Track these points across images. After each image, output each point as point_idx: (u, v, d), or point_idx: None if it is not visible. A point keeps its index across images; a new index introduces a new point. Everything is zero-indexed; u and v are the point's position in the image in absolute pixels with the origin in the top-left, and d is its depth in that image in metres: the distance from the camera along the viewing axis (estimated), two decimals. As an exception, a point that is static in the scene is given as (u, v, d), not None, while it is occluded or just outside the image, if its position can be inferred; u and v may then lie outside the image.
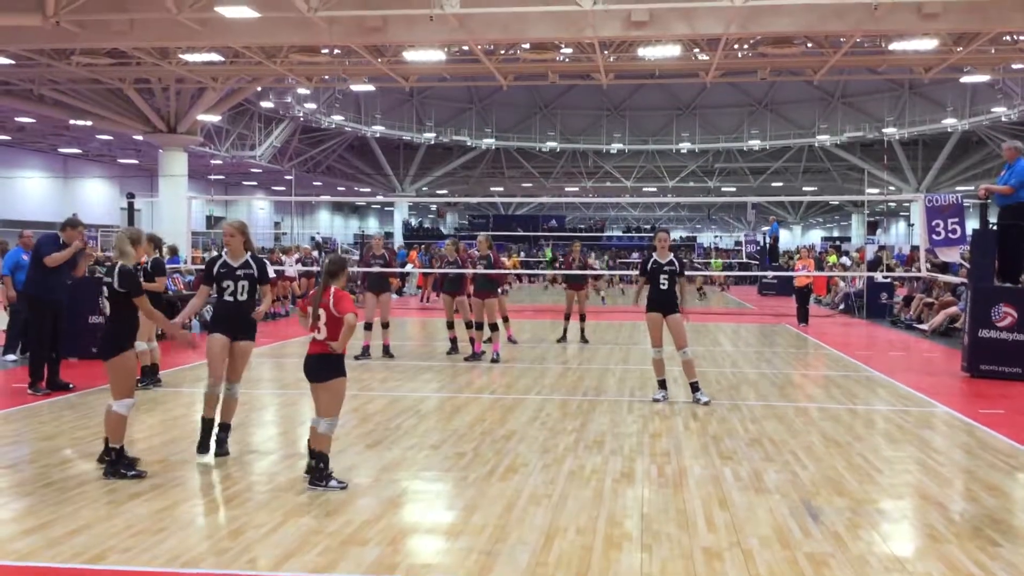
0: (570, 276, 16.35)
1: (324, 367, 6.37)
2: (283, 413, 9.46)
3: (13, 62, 24.64)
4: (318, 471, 6.37)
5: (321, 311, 6.36)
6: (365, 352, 13.62)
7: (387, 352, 13.76)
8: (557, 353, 14.61)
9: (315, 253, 30.10)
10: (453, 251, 14.30)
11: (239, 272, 7.31)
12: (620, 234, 69.23)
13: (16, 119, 38.14)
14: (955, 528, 5.62)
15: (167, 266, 12.71)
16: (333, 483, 6.35)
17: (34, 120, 38.21)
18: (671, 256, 10.10)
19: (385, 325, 13.88)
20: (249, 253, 7.52)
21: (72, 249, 10.39)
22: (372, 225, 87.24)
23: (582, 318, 16.27)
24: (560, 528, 5.52)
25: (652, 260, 10.12)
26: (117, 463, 6.63)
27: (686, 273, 10.55)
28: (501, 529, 5.49)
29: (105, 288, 6.82)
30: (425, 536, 5.46)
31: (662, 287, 9.99)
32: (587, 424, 8.71)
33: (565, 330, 16.26)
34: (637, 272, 10.70)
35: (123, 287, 6.71)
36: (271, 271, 9.89)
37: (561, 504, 6.02)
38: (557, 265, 17.55)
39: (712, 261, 43.64)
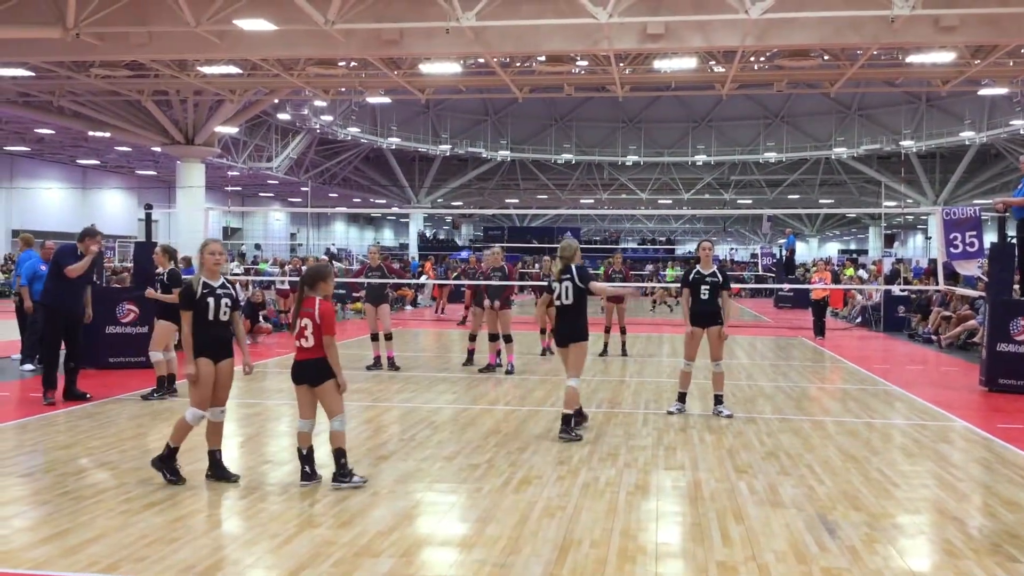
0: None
1: (318, 370, 6.66)
2: (297, 424, 9.45)
3: (33, 74, 24.88)
4: (341, 468, 6.63)
5: (307, 321, 6.60)
6: (376, 363, 13.61)
7: (392, 364, 13.61)
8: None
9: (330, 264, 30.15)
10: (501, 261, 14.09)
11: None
12: (635, 246, 69.18)
13: (36, 130, 38.52)
14: (973, 544, 5.56)
15: (183, 277, 12.77)
16: (356, 479, 6.64)
17: (53, 131, 38.58)
18: (714, 267, 10.03)
19: (388, 337, 13.68)
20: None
21: (89, 258, 10.43)
22: (388, 236, 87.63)
23: (622, 331, 16.11)
24: (574, 540, 5.49)
25: (695, 271, 10.04)
26: (166, 461, 6.71)
27: (731, 286, 10.41)
28: (515, 541, 5.47)
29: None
30: (439, 548, 5.45)
31: (703, 298, 9.90)
32: (601, 436, 8.68)
33: (606, 344, 16.09)
34: (679, 284, 10.61)
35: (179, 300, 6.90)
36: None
37: (575, 516, 6.00)
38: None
39: (669, 271, 40.10)
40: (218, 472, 6.81)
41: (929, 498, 6.64)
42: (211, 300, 6.79)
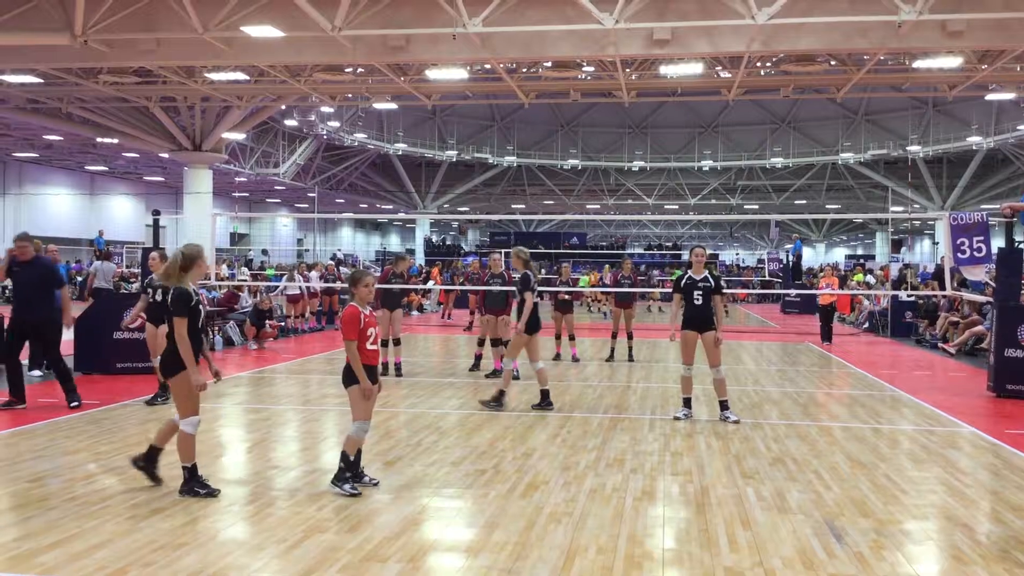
0: (619, 294, 16.30)
1: (346, 375, 6.76)
2: (305, 429, 9.49)
3: (42, 81, 24.99)
4: (339, 472, 6.66)
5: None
6: (384, 369, 13.62)
7: (397, 370, 13.64)
8: (578, 371, 14.58)
9: (337, 269, 30.16)
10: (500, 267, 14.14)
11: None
12: (642, 251, 69.10)
13: (44, 137, 38.69)
14: (981, 550, 5.54)
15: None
16: (347, 487, 6.61)
17: (61, 138, 38.77)
18: (706, 272, 10.03)
19: (396, 342, 13.78)
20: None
21: (5, 259, 10.37)
22: (394, 242, 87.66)
23: (629, 336, 16.17)
24: (581, 546, 5.49)
25: (687, 276, 10.07)
26: (191, 481, 6.60)
27: (724, 291, 10.45)
28: (521, 547, 5.47)
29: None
30: (445, 553, 5.45)
31: (696, 303, 9.92)
32: (608, 442, 8.68)
33: (613, 349, 16.11)
34: (671, 290, 10.63)
35: (170, 307, 6.67)
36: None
37: (582, 522, 5.99)
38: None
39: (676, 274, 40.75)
40: (150, 470, 6.79)
41: (937, 504, 6.63)
42: (200, 308, 6.83)
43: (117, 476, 7.06)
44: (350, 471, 6.68)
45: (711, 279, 9.98)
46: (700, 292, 9.91)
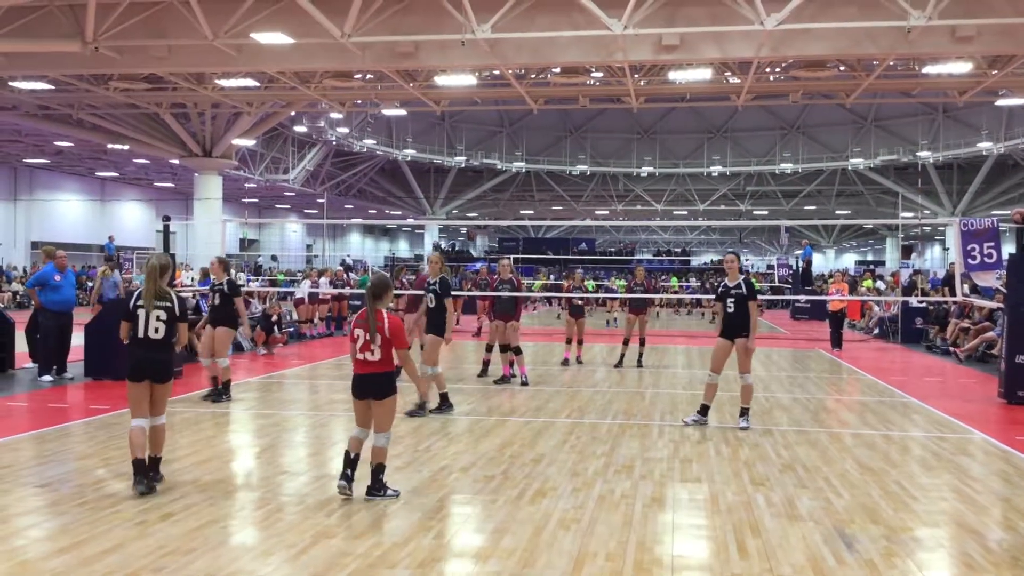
0: (633, 300, 16.29)
1: (384, 385, 6.72)
2: (314, 435, 9.50)
3: (53, 87, 25.11)
4: (377, 482, 6.68)
5: (377, 334, 6.64)
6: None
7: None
8: (586, 376, 14.57)
9: (347, 275, 30.19)
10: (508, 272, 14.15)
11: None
12: (650, 257, 69.04)
13: (55, 143, 38.84)
14: (992, 557, 5.51)
15: (200, 288, 12.92)
16: (390, 492, 6.71)
17: (72, 144, 38.87)
18: (740, 279, 10.00)
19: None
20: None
21: None
22: (403, 247, 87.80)
23: (642, 343, 16.19)
24: (589, 553, 5.48)
25: (722, 284, 10.13)
26: (158, 472, 7.04)
27: (758, 297, 10.37)
28: (530, 553, 5.46)
29: (163, 312, 6.94)
30: (454, 559, 5.45)
31: (729, 311, 9.92)
32: (617, 448, 8.66)
33: (623, 355, 16.06)
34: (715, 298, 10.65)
35: (178, 315, 7.00)
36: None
37: (591, 529, 5.98)
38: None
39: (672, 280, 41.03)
40: (151, 479, 6.92)
41: (948, 511, 6.59)
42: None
43: (127, 481, 7.07)
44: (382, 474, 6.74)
45: (744, 286, 9.93)
46: (733, 300, 9.90)
